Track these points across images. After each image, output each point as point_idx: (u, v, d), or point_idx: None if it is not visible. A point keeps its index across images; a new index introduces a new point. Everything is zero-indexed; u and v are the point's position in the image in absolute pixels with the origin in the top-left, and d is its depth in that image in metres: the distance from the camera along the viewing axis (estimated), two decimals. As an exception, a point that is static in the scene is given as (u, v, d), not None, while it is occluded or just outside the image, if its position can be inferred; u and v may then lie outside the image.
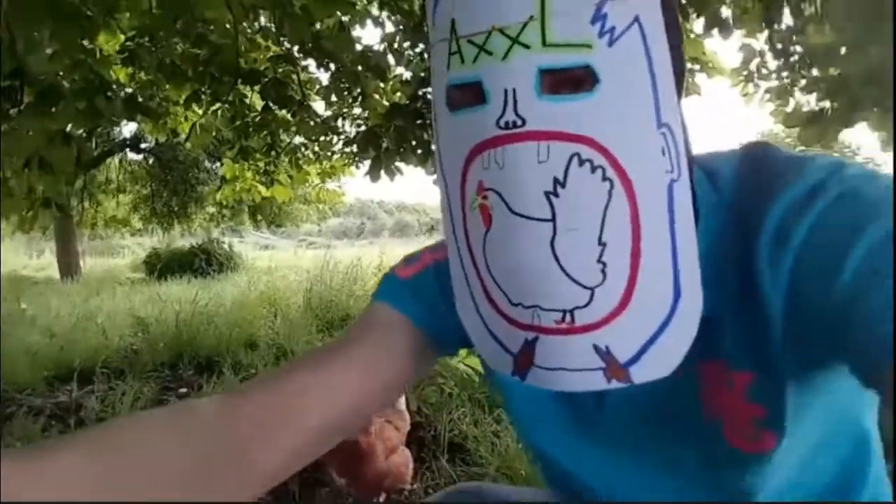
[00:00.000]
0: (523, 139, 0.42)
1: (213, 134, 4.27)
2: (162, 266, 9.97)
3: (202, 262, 10.34)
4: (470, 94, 0.44)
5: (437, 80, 0.48)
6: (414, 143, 3.60)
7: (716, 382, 0.52)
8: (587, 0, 0.41)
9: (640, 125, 0.44)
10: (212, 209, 12.03)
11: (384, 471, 1.52)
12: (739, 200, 0.50)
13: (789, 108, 3.02)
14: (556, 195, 0.42)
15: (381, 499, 1.61)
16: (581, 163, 0.42)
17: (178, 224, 12.93)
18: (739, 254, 0.48)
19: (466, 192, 0.46)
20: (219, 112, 3.89)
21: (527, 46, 0.41)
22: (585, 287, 0.43)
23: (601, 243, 0.43)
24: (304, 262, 11.32)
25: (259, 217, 12.68)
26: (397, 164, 3.66)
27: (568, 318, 0.44)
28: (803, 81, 2.81)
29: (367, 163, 4.13)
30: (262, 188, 4.86)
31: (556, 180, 0.42)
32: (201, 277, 9.43)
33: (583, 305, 0.44)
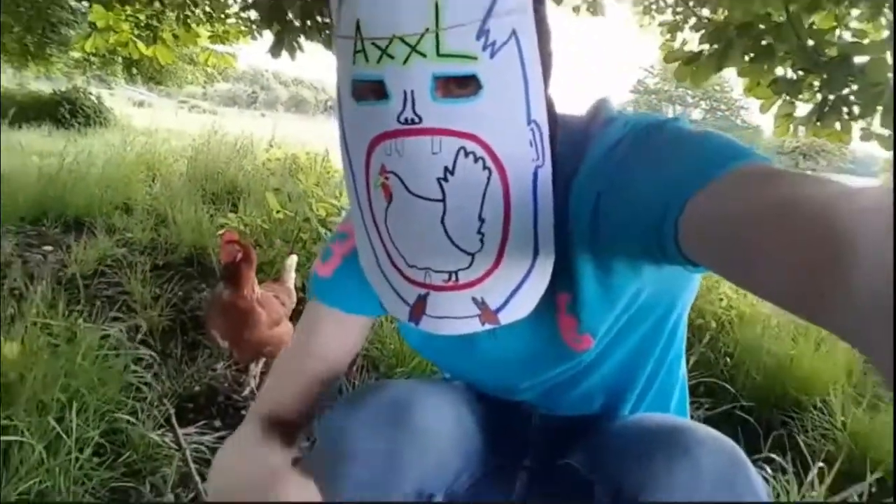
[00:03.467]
0: (420, 133, 0.52)
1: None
2: (16, 111, 8.78)
3: (66, 112, 9.25)
4: (373, 90, 0.53)
5: (343, 71, 0.56)
6: (319, 19, 3.41)
7: (561, 305, 0.66)
8: (473, 17, 0.50)
9: (513, 123, 0.55)
10: (77, 54, 10.54)
11: (266, 338, 1.67)
12: (568, 154, 0.62)
13: (676, 45, 3.21)
14: (447, 181, 0.54)
15: (260, 364, 1.77)
16: (466, 154, 0.53)
17: (33, 65, 11.23)
18: (561, 199, 0.61)
19: (370, 171, 0.56)
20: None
21: (423, 55, 0.50)
22: (467, 253, 0.56)
23: (480, 219, 0.55)
24: (188, 128, 10.49)
25: (135, 71, 11.32)
26: (299, 40, 3.46)
27: (453, 277, 0.57)
28: (693, 20, 3.01)
29: (265, 33, 3.86)
30: (141, 45, 4.28)
31: (446, 169, 0.53)
32: (63, 129, 8.49)
33: (465, 268, 0.57)
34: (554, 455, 0.76)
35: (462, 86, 0.52)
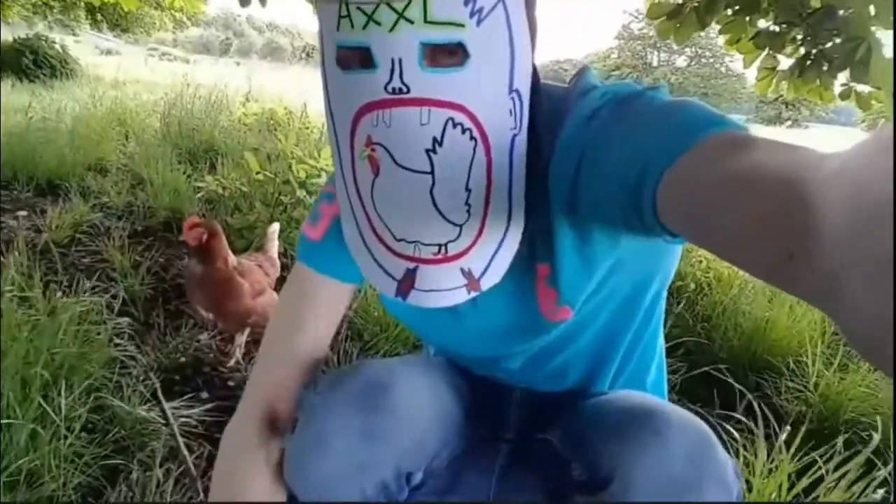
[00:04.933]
0: (408, 104, 0.51)
1: None
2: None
3: (29, 63, 8.82)
4: (359, 57, 0.52)
5: (327, 37, 0.54)
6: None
7: (539, 275, 0.67)
8: None
9: (497, 92, 0.54)
10: (36, -2, 9.96)
11: (250, 308, 1.66)
12: (550, 124, 0.62)
13: (659, -1, 3.11)
14: (435, 152, 0.53)
15: (245, 333, 1.77)
16: (454, 125, 0.52)
17: (-12, 9, 10.61)
18: (541, 169, 0.61)
19: (356, 143, 0.55)
20: None
21: (411, 21, 0.49)
22: (455, 225, 0.56)
23: (467, 189, 0.55)
24: (159, 78, 10.09)
25: (100, 17, 10.77)
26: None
27: (443, 250, 0.57)
28: (676, -29, 2.92)
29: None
30: (104, -12, 4.06)
31: (434, 140, 0.52)
32: (28, 81, 8.12)
33: (454, 239, 0.57)
34: (534, 430, 0.79)
35: (449, 55, 0.51)
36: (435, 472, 0.73)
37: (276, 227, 2.02)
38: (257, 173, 2.79)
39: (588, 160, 0.57)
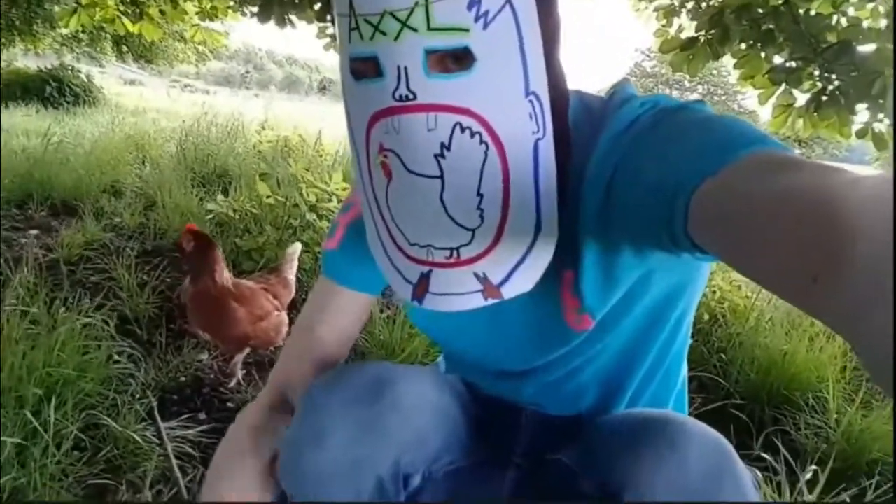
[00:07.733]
0: (415, 110, 0.52)
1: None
2: (2, 90, 8.61)
3: (54, 91, 9.08)
4: (369, 67, 0.53)
5: (342, 49, 0.55)
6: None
7: (565, 282, 0.66)
8: None
9: (510, 96, 0.54)
10: (66, 31, 10.32)
11: (249, 334, 1.63)
12: (587, 132, 0.61)
13: (672, 30, 3.13)
14: (444, 157, 0.53)
15: (244, 353, 1.73)
16: (462, 130, 0.52)
17: (20, 42, 11.00)
18: (576, 178, 0.60)
19: (370, 150, 0.56)
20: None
21: (414, 30, 0.49)
22: (467, 229, 0.56)
23: (479, 194, 0.55)
24: (180, 107, 10.34)
25: (125, 49, 11.10)
26: (290, 16, 3.38)
27: (455, 254, 0.57)
28: (690, 5, 2.94)
29: (255, 9, 3.76)
30: (127, 22, 4.17)
31: (442, 145, 0.52)
32: (52, 108, 8.35)
33: (466, 243, 0.57)
34: (544, 451, 0.76)
35: (455, 60, 0.51)
36: (434, 477, 0.70)
37: (296, 247, 1.94)
38: (267, 197, 2.80)
39: (624, 167, 0.56)
